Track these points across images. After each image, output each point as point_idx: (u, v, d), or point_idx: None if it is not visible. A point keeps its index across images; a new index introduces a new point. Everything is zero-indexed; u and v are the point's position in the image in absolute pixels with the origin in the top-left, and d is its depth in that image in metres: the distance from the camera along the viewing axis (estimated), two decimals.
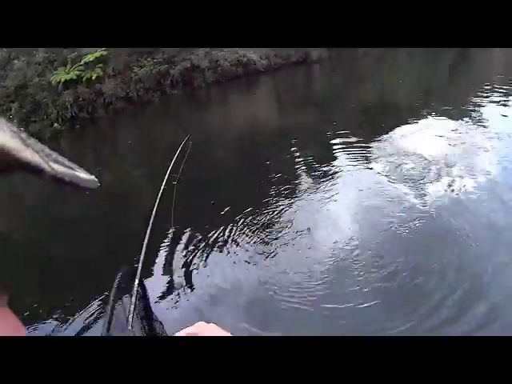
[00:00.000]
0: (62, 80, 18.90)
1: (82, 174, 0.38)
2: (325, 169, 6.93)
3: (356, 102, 11.98)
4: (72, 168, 0.37)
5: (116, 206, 7.32)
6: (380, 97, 13.05)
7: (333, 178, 6.53)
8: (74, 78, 18.78)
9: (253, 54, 16.14)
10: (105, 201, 6.99)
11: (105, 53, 18.31)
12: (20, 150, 0.30)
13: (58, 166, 0.34)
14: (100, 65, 18.32)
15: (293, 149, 8.01)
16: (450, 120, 9.24)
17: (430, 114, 9.76)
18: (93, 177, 0.39)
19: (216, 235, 5.15)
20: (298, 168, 7.13)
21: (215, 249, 4.91)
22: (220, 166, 8.17)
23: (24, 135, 0.34)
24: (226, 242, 4.98)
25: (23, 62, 21.04)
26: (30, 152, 0.31)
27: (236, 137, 10.10)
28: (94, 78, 18.15)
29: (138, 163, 9.85)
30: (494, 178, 6.14)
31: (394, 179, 6.27)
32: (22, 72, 20.43)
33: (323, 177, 6.61)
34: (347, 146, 7.82)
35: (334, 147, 7.84)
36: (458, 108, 10.22)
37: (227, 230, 5.19)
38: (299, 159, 7.48)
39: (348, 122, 9.63)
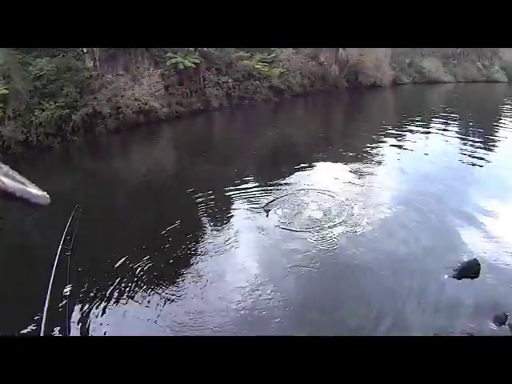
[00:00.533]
0: None
1: (33, 190, 0.36)
2: (225, 214, 7.04)
3: (256, 148, 12.74)
4: (23, 183, 0.35)
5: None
6: (279, 142, 14.00)
7: (233, 223, 6.65)
8: None
9: (154, 102, 16.50)
10: None
11: (6, 92, 17.67)
12: None
13: (9, 180, 0.32)
14: (1, 105, 17.62)
15: (193, 196, 8.13)
16: (348, 160, 10.06)
17: (328, 156, 10.64)
18: (44, 193, 0.37)
19: (113, 288, 5.04)
20: (198, 215, 7.20)
21: (115, 302, 4.82)
22: (117, 215, 8.13)
23: None
24: (123, 294, 4.91)
25: None
26: None
27: (135, 186, 10.25)
28: None
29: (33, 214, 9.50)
30: (393, 212, 6.69)
31: (293, 221, 6.46)
32: None
33: (224, 223, 6.71)
34: (247, 191, 8.12)
35: (234, 193, 8.07)
36: (356, 148, 11.37)
37: (123, 283, 5.08)
38: (200, 206, 7.55)
39: (248, 167, 10.16)
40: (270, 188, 8.25)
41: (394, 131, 13.86)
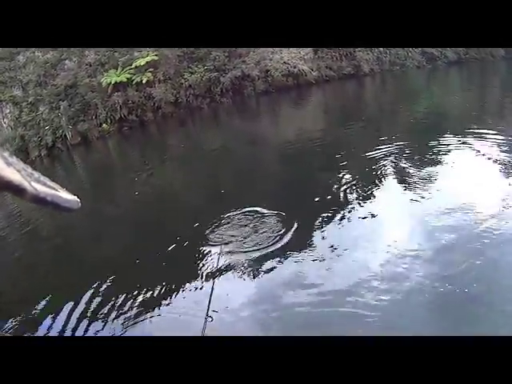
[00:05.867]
0: (112, 82, 19.36)
1: (64, 194, 0.38)
2: (369, 187, 5.75)
3: (411, 117, 11.63)
4: (54, 188, 0.38)
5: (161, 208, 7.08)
6: (431, 112, 12.64)
7: (376, 197, 5.38)
8: (125, 80, 19.13)
9: (303, 66, 16.13)
10: (151, 203, 7.05)
11: (156, 58, 18.70)
12: (1, 169, 0.30)
13: (40, 185, 0.35)
14: (150, 69, 18.75)
15: (339, 164, 7.15)
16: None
17: (486, 136, 8.55)
18: (75, 197, 0.40)
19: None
20: (342, 183, 6.07)
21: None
22: (263, 176, 7.83)
23: (6, 154, 0.34)
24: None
25: (74, 62, 21.59)
26: (11, 171, 0.31)
27: (281, 149, 9.76)
28: (144, 81, 18.59)
29: (184, 168, 9.77)
30: None
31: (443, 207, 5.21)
32: (73, 72, 20.88)
33: (366, 194, 5.57)
34: (397, 168, 6.61)
35: (382, 165, 6.63)
36: None
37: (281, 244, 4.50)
38: (343, 174, 6.46)
39: (398, 138, 9.02)
40: (421, 170, 6.40)
41: None
